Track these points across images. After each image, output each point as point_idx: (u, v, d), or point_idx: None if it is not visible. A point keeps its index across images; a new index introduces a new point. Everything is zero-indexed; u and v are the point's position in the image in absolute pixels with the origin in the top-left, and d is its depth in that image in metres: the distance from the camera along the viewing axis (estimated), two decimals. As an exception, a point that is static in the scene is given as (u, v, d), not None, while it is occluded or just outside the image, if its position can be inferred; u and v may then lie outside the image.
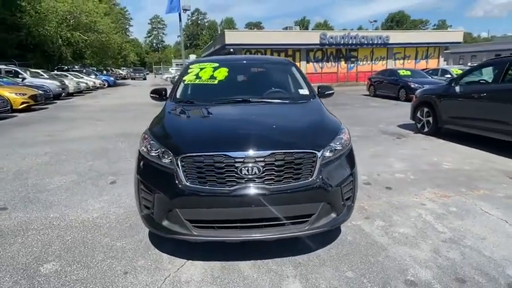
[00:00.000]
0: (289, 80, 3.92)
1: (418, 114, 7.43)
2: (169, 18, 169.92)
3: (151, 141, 2.59)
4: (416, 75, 14.60)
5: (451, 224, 3.15)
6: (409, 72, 14.86)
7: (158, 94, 3.69)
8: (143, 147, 2.66)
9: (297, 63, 27.59)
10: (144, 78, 46.21)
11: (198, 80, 3.71)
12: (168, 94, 3.70)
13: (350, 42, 27.40)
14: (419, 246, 2.79)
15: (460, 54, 44.22)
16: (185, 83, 3.71)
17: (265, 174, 2.32)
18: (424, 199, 3.75)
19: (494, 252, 2.66)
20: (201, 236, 2.37)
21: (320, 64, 28.75)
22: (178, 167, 2.37)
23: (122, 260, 2.68)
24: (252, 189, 2.30)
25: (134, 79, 45.53)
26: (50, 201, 3.90)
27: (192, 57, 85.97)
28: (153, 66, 55.08)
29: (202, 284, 2.36)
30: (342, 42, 27.26)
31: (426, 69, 20.69)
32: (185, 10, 14.60)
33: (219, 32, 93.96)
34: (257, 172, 2.30)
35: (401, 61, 29.78)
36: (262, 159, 2.32)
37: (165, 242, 2.89)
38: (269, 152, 2.33)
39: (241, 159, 2.31)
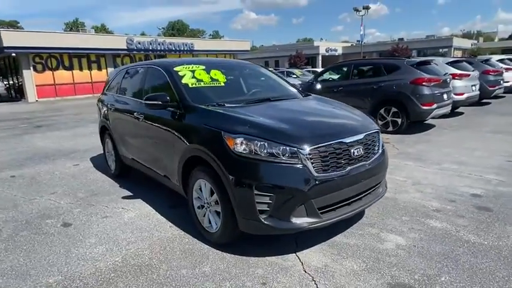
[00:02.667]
0: (276, 80, 4.28)
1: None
2: None
3: (260, 142, 2.50)
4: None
5: (402, 175, 4.50)
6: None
7: (161, 100, 3.24)
8: (244, 150, 2.52)
9: (104, 70, 25.55)
10: None
11: (202, 83, 3.52)
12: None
13: (158, 48, 27.60)
14: (409, 191, 3.93)
15: (253, 61, 51.96)
16: (190, 86, 3.43)
17: (365, 153, 2.80)
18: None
19: (444, 182, 4.13)
20: (328, 220, 2.59)
21: (129, 71, 27.52)
22: (307, 160, 2.48)
23: (239, 278, 2.46)
24: (360, 167, 2.73)
25: None
26: (10, 268, 2.74)
27: None
28: None
29: (343, 261, 2.60)
30: (151, 48, 27.11)
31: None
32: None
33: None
34: (361, 152, 2.75)
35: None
36: (362, 140, 2.79)
37: (247, 247, 2.84)
38: (363, 134, 2.82)
39: (352, 144, 2.70)
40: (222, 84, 3.65)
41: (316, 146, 2.54)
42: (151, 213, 3.69)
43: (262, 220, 2.49)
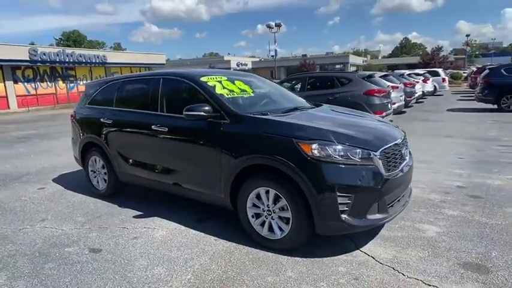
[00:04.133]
0: (284, 90, 4.46)
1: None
2: None
3: (336, 146, 2.69)
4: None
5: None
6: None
7: (204, 111, 3.17)
8: (322, 154, 2.67)
9: (1, 84, 22.20)
10: None
11: (234, 94, 3.55)
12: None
13: (66, 60, 25.30)
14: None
15: None
16: (227, 96, 3.42)
17: (407, 153, 3.19)
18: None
19: (427, 178, 4.79)
20: (392, 215, 2.89)
21: (33, 84, 24.65)
22: (379, 160, 2.75)
23: (329, 277, 2.58)
24: (406, 165, 3.10)
25: None
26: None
27: None
28: None
29: (405, 250, 2.90)
30: (58, 59, 24.66)
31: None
32: None
33: None
34: (406, 153, 3.14)
35: (122, 80, 30.69)
36: (403, 142, 3.17)
37: (311, 249, 2.96)
38: (403, 136, 3.22)
39: (401, 145, 3.06)
40: (252, 94, 3.74)
41: (383, 148, 2.83)
42: (182, 229, 3.52)
43: (344, 220, 2.66)
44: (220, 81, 3.65)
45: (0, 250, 3.22)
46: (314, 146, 2.71)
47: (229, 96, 3.47)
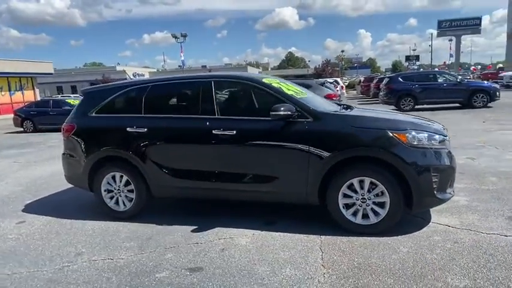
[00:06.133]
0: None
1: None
2: None
3: (424, 134, 3.19)
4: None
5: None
6: (73, 101, 15.06)
7: (290, 110, 3.29)
8: (415, 142, 3.13)
9: None
10: None
11: (298, 95, 3.69)
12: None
13: None
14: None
15: (45, 86, 43.02)
16: (298, 97, 3.57)
17: None
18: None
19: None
20: (454, 189, 3.52)
21: None
22: (448, 143, 3.37)
23: (436, 245, 3.03)
24: None
25: None
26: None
27: None
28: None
29: (461, 216, 3.57)
30: None
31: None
32: None
33: None
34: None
35: (-5, 93, 25.57)
36: None
37: (394, 230, 3.36)
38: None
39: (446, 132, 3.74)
40: (307, 95, 3.94)
41: (447, 134, 3.45)
42: (262, 233, 3.51)
43: (436, 195, 3.16)
44: (278, 83, 3.76)
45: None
46: (408, 134, 3.15)
47: (300, 97, 3.63)
